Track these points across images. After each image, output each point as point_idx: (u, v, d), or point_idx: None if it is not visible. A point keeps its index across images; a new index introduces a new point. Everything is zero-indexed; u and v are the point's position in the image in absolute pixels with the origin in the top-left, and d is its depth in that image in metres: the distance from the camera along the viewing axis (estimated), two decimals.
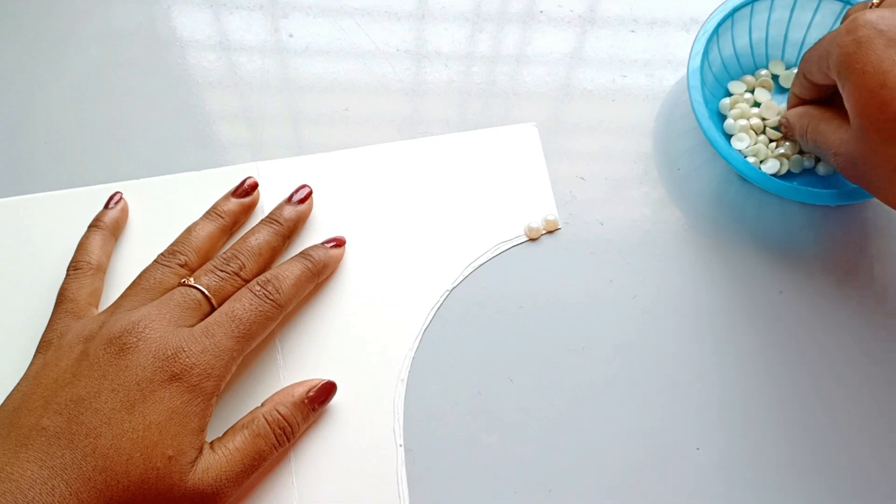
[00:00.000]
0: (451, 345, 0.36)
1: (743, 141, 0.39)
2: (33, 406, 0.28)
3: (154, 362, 0.29)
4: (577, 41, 0.45)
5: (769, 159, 0.39)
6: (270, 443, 0.31)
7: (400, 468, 0.33)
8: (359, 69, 0.43)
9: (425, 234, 0.38)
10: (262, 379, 0.34)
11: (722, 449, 0.34)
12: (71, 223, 0.37)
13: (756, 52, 0.42)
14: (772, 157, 0.39)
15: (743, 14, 0.40)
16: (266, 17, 0.44)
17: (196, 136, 0.41)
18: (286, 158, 0.40)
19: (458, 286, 0.37)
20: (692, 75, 0.38)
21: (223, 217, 0.36)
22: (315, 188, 0.38)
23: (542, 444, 0.34)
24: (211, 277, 0.33)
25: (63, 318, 0.32)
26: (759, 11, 0.41)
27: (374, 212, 0.38)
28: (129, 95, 0.42)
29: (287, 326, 0.35)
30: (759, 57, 0.42)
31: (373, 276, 0.37)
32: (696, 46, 0.39)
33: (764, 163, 0.39)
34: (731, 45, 0.41)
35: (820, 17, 0.40)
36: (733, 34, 0.41)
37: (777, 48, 0.42)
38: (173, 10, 0.45)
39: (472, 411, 0.34)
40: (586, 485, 0.33)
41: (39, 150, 0.40)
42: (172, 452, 0.28)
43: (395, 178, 0.39)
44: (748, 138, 0.40)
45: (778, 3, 0.40)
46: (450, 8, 0.45)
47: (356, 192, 0.39)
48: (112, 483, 0.27)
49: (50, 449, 0.27)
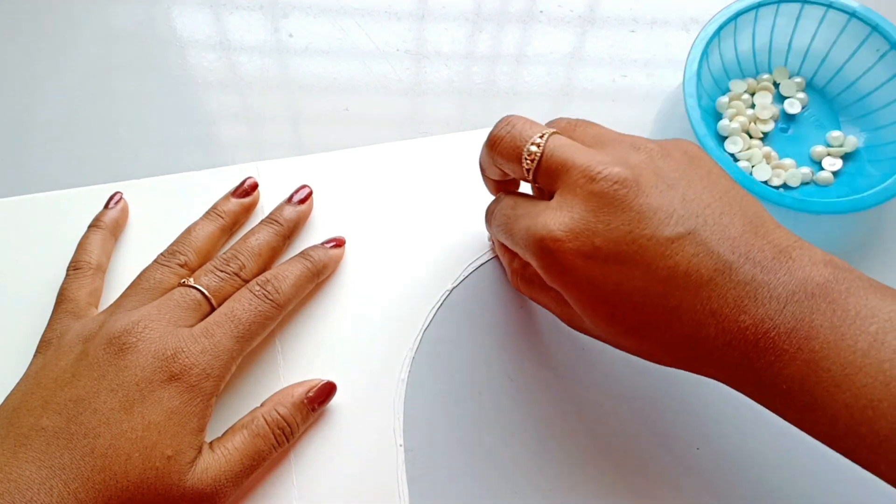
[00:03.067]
0: (451, 345, 0.36)
1: (736, 144, 0.40)
2: (32, 406, 0.28)
3: (153, 362, 0.29)
4: (578, 41, 0.45)
5: (761, 164, 0.39)
6: (270, 443, 0.31)
7: (400, 468, 0.33)
8: (359, 69, 0.43)
9: (425, 234, 0.38)
10: (262, 379, 0.34)
11: (722, 449, 0.34)
12: (71, 223, 0.37)
13: (759, 59, 0.42)
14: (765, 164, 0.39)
15: (747, 19, 0.40)
16: (266, 17, 0.44)
17: (196, 136, 0.41)
18: (286, 158, 0.40)
19: (458, 286, 0.37)
20: (688, 82, 0.38)
21: (223, 217, 0.36)
22: (315, 188, 0.38)
23: (542, 444, 0.34)
24: (211, 278, 0.33)
25: (63, 318, 0.32)
26: (764, 17, 0.40)
27: (374, 212, 0.38)
28: (129, 95, 0.42)
29: (287, 326, 0.35)
30: (762, 64, 0.42)
31: (372, 277, 0.37)
32: (693, 51, 0.39)
33: (756, 167, 0.39)
34: (734, 49, 0.41)
35: (826, 26, 0.40)
36: (735, 38, 0.41)
37: (780, 55, 0.42)
38: (173, 10, 0.45)
39: (472, 411, 0.34)
40: (586, 485, 0.33)
41: (39, 150, 0.40)
42: (171, 452, 0.28)
43: (395, 178, 0.39)
44: (741, 142, 0.40)
45: (783, 10, 0.40)
46: (450, 8, 0.45)
47: (356, 192, 0.39)
48: (111, 483, 0.27)
49: (49, 449, 0.27)
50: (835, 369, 0.24)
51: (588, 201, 0.27)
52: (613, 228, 0.26)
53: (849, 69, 0.41)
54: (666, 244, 0.26)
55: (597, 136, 0.29)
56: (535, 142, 0.29)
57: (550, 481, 0.33)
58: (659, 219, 0.26)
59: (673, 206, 0.26)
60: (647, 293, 0.26)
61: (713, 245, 0.26)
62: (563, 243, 0.27)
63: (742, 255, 0.26)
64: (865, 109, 0.40)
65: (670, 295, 0.26)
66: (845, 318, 0.24)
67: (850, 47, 0.40)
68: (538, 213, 0.28)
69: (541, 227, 0.27)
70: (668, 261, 0.26)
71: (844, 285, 0.25)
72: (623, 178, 0.26)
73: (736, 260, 0.26)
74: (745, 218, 0.27)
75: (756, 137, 0.41)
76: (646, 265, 0.26)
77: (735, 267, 0.25)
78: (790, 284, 0.25)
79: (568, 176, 0.27)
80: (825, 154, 0.40)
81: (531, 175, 0.29)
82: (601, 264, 0.26)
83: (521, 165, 0.29)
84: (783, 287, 0.25)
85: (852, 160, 0.40)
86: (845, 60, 0.41)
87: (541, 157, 0.28)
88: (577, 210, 0.27)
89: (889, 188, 0.36)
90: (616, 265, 0.26)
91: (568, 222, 0.27)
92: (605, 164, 0.27)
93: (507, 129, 0.30)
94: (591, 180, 0.27)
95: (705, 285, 0.25)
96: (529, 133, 0.29)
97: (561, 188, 0.28)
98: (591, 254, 0.26)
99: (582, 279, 0.27)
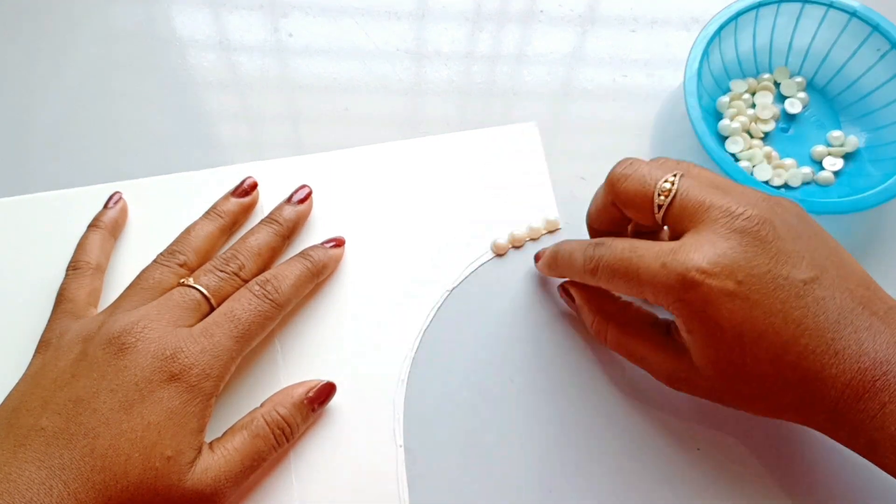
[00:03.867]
0: (451, 345, 0.35)
1: (737, 144, 0.40)
2: (32, 406, 0.28)
3: (153, 362, 0.29)
4: (578, 41, 0.45)
5: (762, 164, 0.39)
6: (269, 443, 0.31)
7: (400, 468, 0.33)
8: (359, 69, 0.43)
9: (425, 234, 0.38)
10: (262, 379, 0.34)
11: (722, 449, 0.34)
12: (71, 223, 0.37)
13: (759, 59, 0.42)
14: (766, 164, 0.39)
15: (747, 18, 0.40)
16: (266, 17, 0.44)
17: (196, 136, 0.41)
18: (286, 158, 0.40)
19: (458, 286, 0.37)
20: (689, 81, 0.38)
21: (222, 217, 0.36)
22: (315, 188, 0.38)
23: (542, 444, 0.34)
24: (210, 277, 0.33)
25: (62, 318, 0.32)
26: (765, 16, 0.40)
27: (373, 212, 0.38)
28: (129, 95, 0.42)
29: (287, 326, 0.35)
30: (762, 64, 0.42)
31: (372, 277, 0.37)
32: (694, 50, 0.39)
33: (757, 167, 0.39)
34: (734, 49, 0.41)
35: (827, 25, 0.40)
36: (736, 38, 0.41)
37: (781, 55, 0.42)
38: (173, 10, 0.45)
39: (472, 411, 0.34)
40: (586, 485, 0.33)
41: (39, 150, 0.40)
42: (171, 453, 0.28)
43: (395, 178, 0.39)
44: (742, 142, 0.40)
45: (784, 10, 0.40)
46: (450, 7, 0.45)
47: (356, 192, 0.39)
48: (110, 483, 0.27)
49: (48, 449, 0.27)
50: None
51: (731, 238, 0.27)
52: (755, 266, 0.27)
53: (849, 69, 0.41)
54: (799, 286, 0.27)
55: (713, 181, 0.30)
56: (668, 180, 0.30)
57: (550, 481, 0.33)
58: (794, 262, 0.27)
59: (802, 253, 0.28)
60: (780, 333, 0.27)
61: (837, 292, 0.27)
62: (708, 276, 0.27)
63: (861, 304, 0.27)
64: (866, 109, 0.40)
65: (800, 335, 0.27)
66: None
67: (851, 47, 0.40)
68: (674, 251, 0.28)
69: (684, 261, 0.27)
70: (801, 301, 0.27)
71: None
72: (765, 219, 0.28)
73: (856, 307, 0.27)
74: (856, 274, 0.28)
75: (757, 137, 0.41)
76: (781, 304, 0.27)
77: (856, 314, 0.27)
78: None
79: (707, 214, 0.28)
80: (826, 154, 0.40)
81: (661, 212, 0.29)
82: (742, 301, 0.27)
83: (652, 204, 0.30)
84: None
85: (853, 160, 0.40)
86: (846, 60, 0.41)
87: (675, 196, 0.29)
88: (720, 246, 0.27)
89: (890, 188, 0.36)
90: (755, 304, 0.27)
91: (713, 257, 0.27)
92: (745, 206, 0.28)
93: (633, 169, 0.31)
94: (735, 219, 0.28)
95: (831, 328, 0.27)
96: (658, 173, 0.30)
97: (699, 226, 0.28)
98: (734, 290, 0.27)
99: (724, 315, 0.27)
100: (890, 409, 0.26)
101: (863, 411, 0.26)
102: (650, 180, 0.30)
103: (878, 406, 0.26)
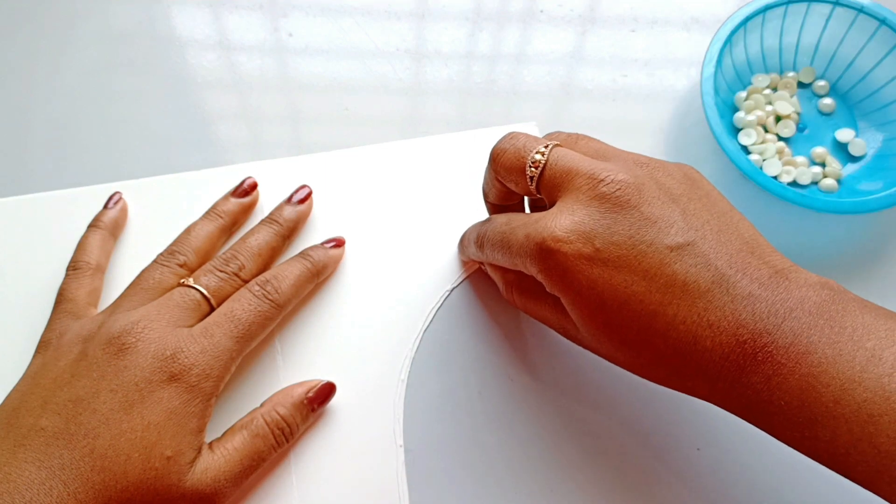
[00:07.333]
0: (451, 345, 0.35)
1: (750, 137, 0.39)
2: (32, 406, 0.28)
3: (153, 363, 0.29)
4: (578, 40, 0.45)
5: (772, 159, 0.39)
6: (269, 443, 0.31)
7: (400, 468, 0.33)
8: (359, 69, 0.43)
9: (425, 234, 0.38)
10: (262, 379, 0.34)
11: (722, 449, 0.34)
12: (71, 223, 0.37)
13: (785, 58, 0.42)
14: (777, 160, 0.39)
15: (756, 22, 0.40)
16: (266, 17, 0.44)
17: (196, 136, 0.41)
18: (285, 158, 0.40)
19: (458, 286, 0.37)
20: (706, 82, 0.38)
21: (222, 217, 0.36)
22: (315, 188, 0.38)
23: (541, 445, 0.34)
24: (210, 278, 0.33)
25: (62, 318, 0.32)
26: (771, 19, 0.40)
27: (374, 212, 0.38)
28: (129, 95, 0.42)
29: (287, 326, 0.35)
30: (787, 63, 0.42)
31: (372, 277, 0.37)
32: (710, 52, 0.38)
33: (767, 161, 0.39)
34: (759, 44, 0.41)
35: (855, 30, 0.40)
36: (745, 41, 0.40)
37: (807, 56, 0.42)
38: (173, 10, 0.45)
39: (472, 411, 0.34)
40: (586, 485, 0.33)
41: (39, 150, 0.40)
42: (171, 453, 0.28)
43: (395, 178, 0.39)
44: (755, 134, 0.39)
45: (791, 10, 0.40)
46: (450, 7, 0.45)
47: (356, 192, 0.39)
48: (110, 483, 0.27)
49: (48, 449, 0.27)
50: (834, 384, 0.24)
51: (590, 204, 0.27)
52: (614, 232, 0.26)
53: (875, 75, 0.40)
54: (665, 252, 0.26)
55: (598, 150, 0.30)
56: (539, 151, 0.29)
57: (550, 481, 0.33)
58: (659, 227, 0.26)
59: (674, 218, 0.27)
60: (644, 301, 0.26)
61: (712, 258, 0.26)
62: (563, 244, 0.27)
63: (740, 271, 0.26)
64: (888, 117, 0.40)
65: (668, 304, 0.26)
66: (842, 335, 0.24)
67: (878, 54, 0.40)
68: (537, 220, 0.28)
69: (541, 230, 0.27)
70: (667, 269, 0.26)
71: (840, 305, 0.25)
72: (627, 184, 0.27)
73: (734, 275, 0.26)
74: (742, 238, 0.27)
75: (772, 132, 0.40)
76: (644, 272, 0.26)
77: (733, 281, 0.26)
78: (788, 302, 0.25)
79: (572, 182, 0.28)
80: (826, 155, 0.40)
81: (534, 184, 0.29)
82: (600, 267, 0.26)
83: (525, 175, 0.29)
84: (781, 304, 0.25)
85: (867, 163, 0.40)
86: (872, 67, 0.40)
87: (545, 166, 0.29)
88: (578, 213, 0.27)
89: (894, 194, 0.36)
90: (615, 270, 0.26)
91: (569, 224, 0.27)
92: (611, 171, 0.27)
93: (510, 143, 0.30)
94: (596, 185, 0.27)
95: (703, 296, 0.26)
96: (533, 145, 0.30)
97: (564, 194, 0.28)
98: (592, 256, 0.26)
99: (581, 282, 0.27)
100: (776, 382, 0.25)
101: (749, 385, 0.25)
102: (524, 153, 0.30)
103: (763, 379, 0.25)
